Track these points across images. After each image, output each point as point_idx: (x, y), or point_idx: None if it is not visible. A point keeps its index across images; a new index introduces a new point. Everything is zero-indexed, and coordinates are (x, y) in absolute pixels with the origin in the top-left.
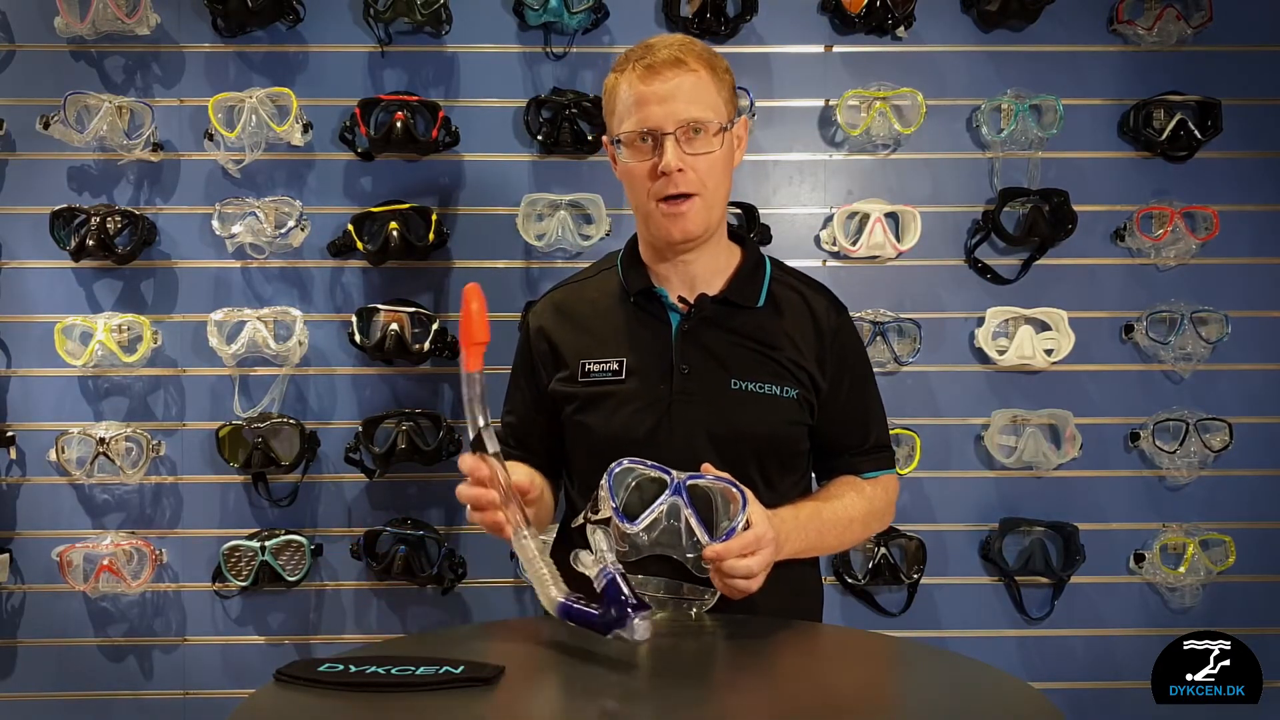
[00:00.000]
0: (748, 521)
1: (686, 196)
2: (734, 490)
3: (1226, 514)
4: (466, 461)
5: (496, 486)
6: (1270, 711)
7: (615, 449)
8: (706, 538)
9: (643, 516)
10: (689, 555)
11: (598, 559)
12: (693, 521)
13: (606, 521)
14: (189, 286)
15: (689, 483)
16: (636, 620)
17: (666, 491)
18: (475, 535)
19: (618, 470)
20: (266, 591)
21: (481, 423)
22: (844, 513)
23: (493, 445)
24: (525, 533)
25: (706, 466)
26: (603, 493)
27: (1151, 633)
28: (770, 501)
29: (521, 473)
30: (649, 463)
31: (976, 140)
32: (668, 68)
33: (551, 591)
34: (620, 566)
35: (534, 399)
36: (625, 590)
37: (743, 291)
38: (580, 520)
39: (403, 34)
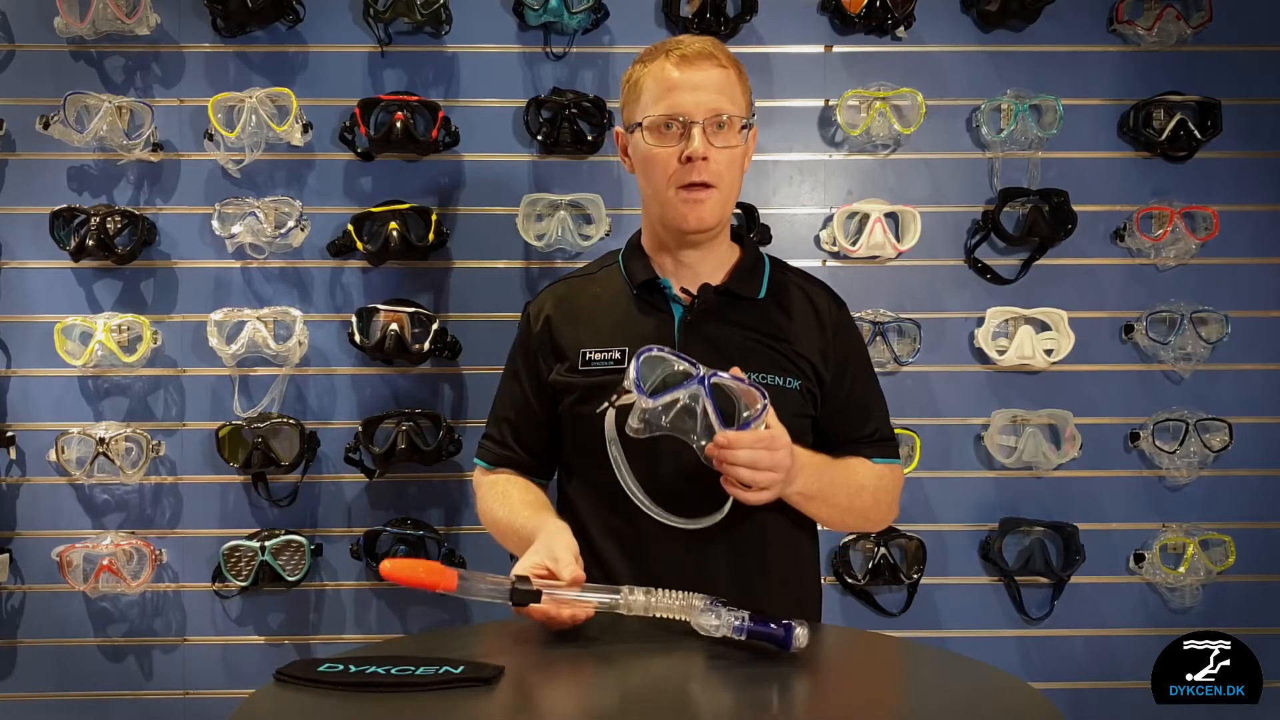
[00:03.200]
0: (766, 425)
1: (706, 186)
2: (755, 392)
3: (1226, 514)
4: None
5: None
6: (1270, 711)
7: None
8: (719, 424)
9: (664, 394)
10: (701, 443)
11: (722, 623)
12: (710, 410)
13: (624, 410)
14: (189, 286)
15: (714, 379)
16: (797, 630)
17: (691, 380)
18: (475, 535)
19: (649, 355)
20: (266, 591)
21: (512, 581)
22: (856, 477)
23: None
24: (622, 600)
25: (736, 370)
26: (629, 370)
27: (1151, 633)
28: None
29: (519, 498)
30: (678, 353)
31: (976, 140)
32: (701, 59)
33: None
34: (743, 618)
35: (535, 389)
36: (770, 621)
37: (744, 283)
38: (605, 406)
39: (403, 34)
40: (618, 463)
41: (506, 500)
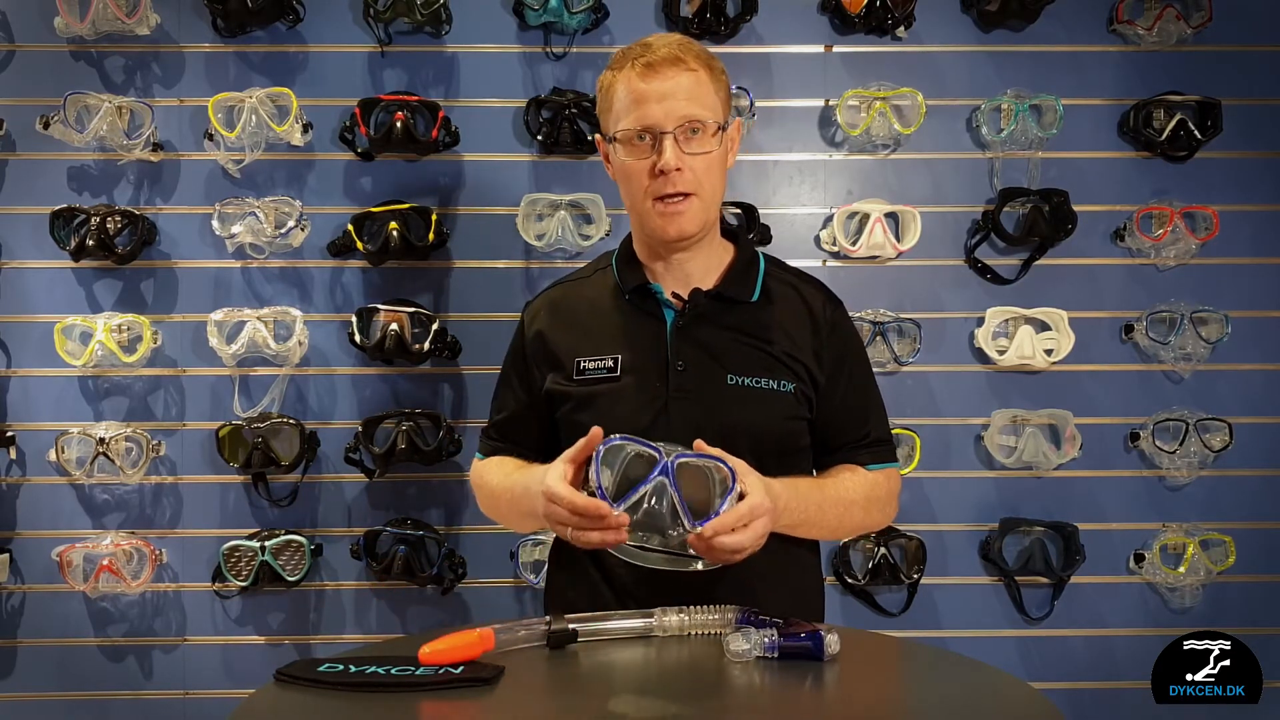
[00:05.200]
0: (740, 494)
1: (684, 196)
2: (723, 467)
3: (1226, 514)
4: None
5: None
6: (1270, 711)
7: None
8: (689, 522)
9: (627, 497)
10: (675, 534)
11: (753, 645)
12: (677, 503)
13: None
14: (189, 286)
15: (679, 461)
16: (828, 638)
17: (654, 471)
18: (475, 535)
19: (607, 447)
20: (266, 591)
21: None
22: (845, 494)
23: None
24: (656, 623)
25: (699, 443)
26: (590, 470)
27: (1151, 633)
28: None
29: (514, 465)
30: (640, 440)
31: (976, 140)
32: (667, 66)
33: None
34: (773, 635)
35: (528, 395)
36: (800, 632)
37: (737, 286)
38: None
39: (403, 34)
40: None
41: (502, 467)
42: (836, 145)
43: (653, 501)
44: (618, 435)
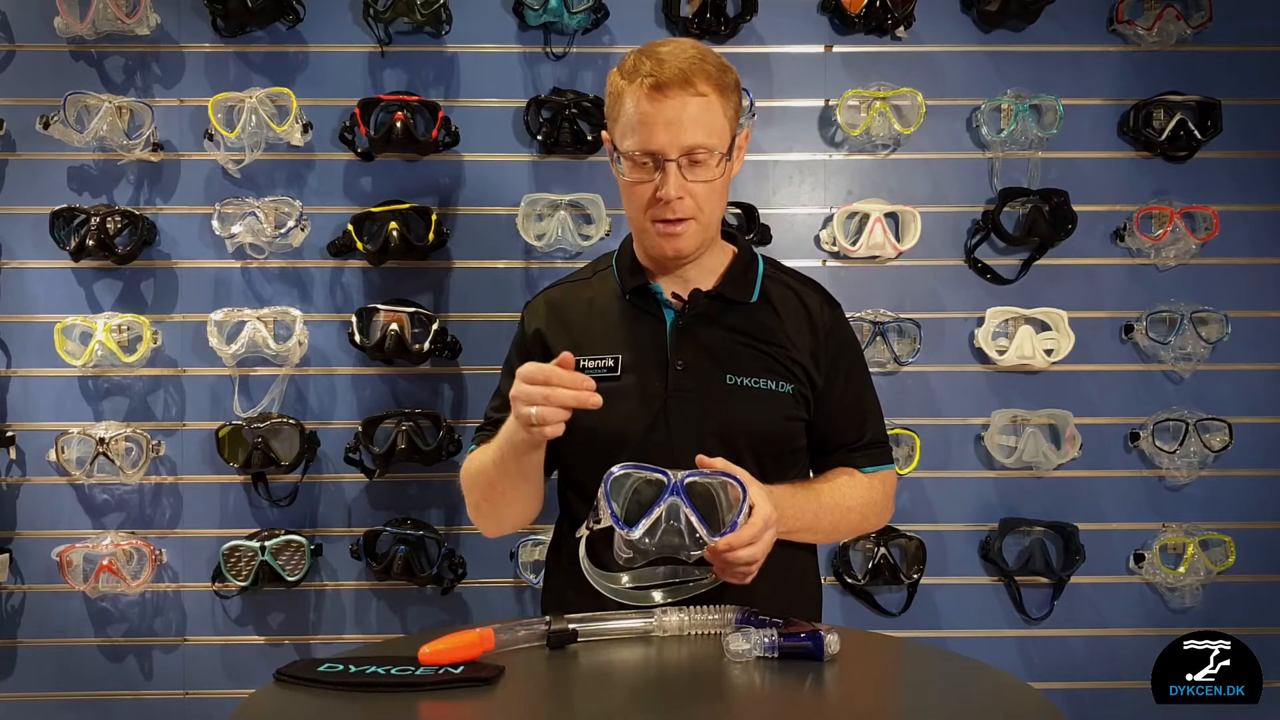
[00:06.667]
0: (750, 506)
1: (684, 219)
2: (732, 482)
3: (1226, 514)
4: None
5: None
6: (1270, 711)
7: (611, 447)
8: (708, 534)
9: (643, 520)
10: (692, 553)
11: (753, 645)
12: (693, 519)
13: (609, 530)
14: (189, 286)
15: (688, 480)
16: (828, 638)
17: (665, 492)
18: (475, 535)
19: (614, 477)
20: (266, 591)
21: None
22: (840, 499)
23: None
24: (656, 623)
25: (701, 459)
26: (601, 501)
27: (1151, 633)
28: None
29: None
30: (645, 465)
31: (976, 140)
32: (676, 88)
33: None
34: (773, 635)
35: None
36: (800, 632)
37: (736, 287)
38: (584, 531)
39: (403, 34)
40: (594, 578)
41: (487, 448)
42: (836, 145)
43: (669, 521)
44: (620, 465)
